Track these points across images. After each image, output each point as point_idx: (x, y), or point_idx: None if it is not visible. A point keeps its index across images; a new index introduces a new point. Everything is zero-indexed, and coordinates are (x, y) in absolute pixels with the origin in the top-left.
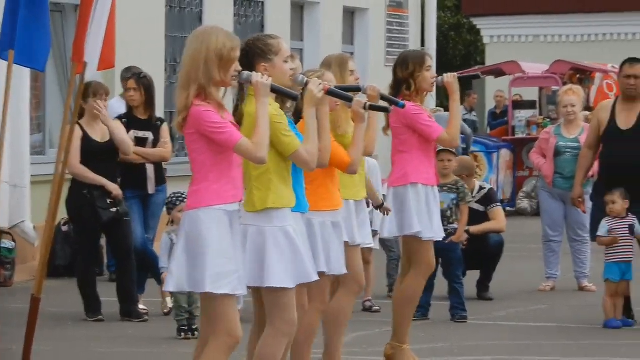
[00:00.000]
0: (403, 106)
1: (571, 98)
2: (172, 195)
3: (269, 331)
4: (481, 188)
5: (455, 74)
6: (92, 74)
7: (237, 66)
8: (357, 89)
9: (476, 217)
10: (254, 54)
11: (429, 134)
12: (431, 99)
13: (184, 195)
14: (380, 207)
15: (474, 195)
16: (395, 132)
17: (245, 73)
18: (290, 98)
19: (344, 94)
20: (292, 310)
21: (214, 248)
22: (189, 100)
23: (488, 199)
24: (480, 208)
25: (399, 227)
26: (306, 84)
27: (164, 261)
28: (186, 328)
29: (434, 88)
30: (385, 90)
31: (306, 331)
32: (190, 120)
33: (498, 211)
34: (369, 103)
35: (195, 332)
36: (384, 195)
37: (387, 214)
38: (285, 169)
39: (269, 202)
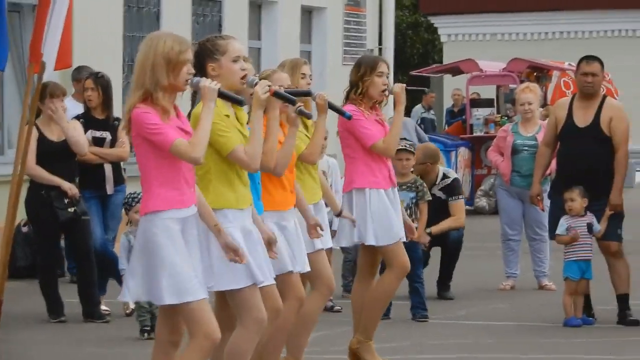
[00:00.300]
0: (350, 117)
1: (528, 96)
2: (128, 196)
3: (238, 331)
4: (445, 176)
5: (404, 85)
6: (49, 73)
7: (189, 69)
8: (307, 94)
9: (438, 205)
10: (204, 54)
11: (365, 140)
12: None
13: (140, 196)
14: (339, 214)
15: (437, 182)
16: (342, 137)
17: (196, 79)
18: (236, 103)
19: (288, 96)
20: (256, 308)
21: (167, 259)
22: (132, 104)
23: (451, 189)
24: (443, 196)
25: (355, 235)
26: (255, 85)
27: (124, 262)
28: (149, 328)
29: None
30: (342, 93)
31: (282, 330)
32: (132, 124)
33: (459, 206)
34: (299, 107)
35: None
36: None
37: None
38: (230, 170)
39: (214, 202)
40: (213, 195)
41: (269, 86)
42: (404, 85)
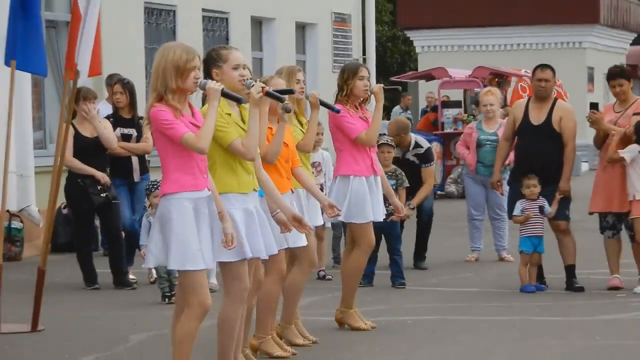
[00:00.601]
0: (338, 111)
1: (490, 98)
2: (149, 183)
3: (225, 300)
4: (418, 145)
5: (382, 85)
6: (82, 80)
7: (196, 74)
8: (290, 92)
9: (412, 168)
10: (210, 62)
11: (349, 133)
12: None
13: (159, 183)
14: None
15: (410, 149)
16: (332, 132)
17: (203, 81)
18: (236, 101)
19: (278, 95)
20: (240, 279)
21: (177, 232)
22: (149, 105)
23: (424, 157)
24: (417, 161)
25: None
26: (251, 87)
27: (143, 239)
28: (169, 294)
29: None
30: (332, 96)
31: (267, 300)
32: (151, 120)
33: (430, 171)
34: (286, 104)
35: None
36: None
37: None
38: (232, 160)
39: (220, 187)
40: (218, 181)
41: (262, 87)
42: (382, 85)
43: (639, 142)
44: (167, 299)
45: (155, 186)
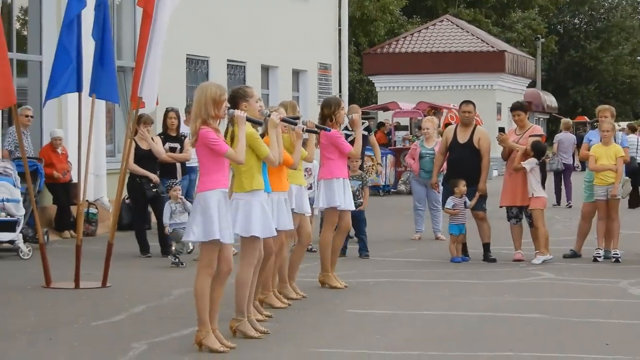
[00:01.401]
0: (329, 130)
1: (427, 124)
2: (169, 182)
3: (242, 264)
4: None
5: (359, 114)
6: (148, 110)
7: (226, 104)
8: (297, 119)
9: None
10: (238, 97)
11: (343, 149)
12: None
13: (176, 182)
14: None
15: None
16: (323, 147)
17: (231, 110)
18: (257, 124)
19: (292, 120)
20: (256, 249)
21: (213, 214)
22: (197, 127)
23: (368, 129)
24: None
25: (323, 203)
26: (269, 115)
27: (166, 219)
28: (177, 261)
29: (346, 121)
30: (316, 121)
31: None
32: (199, 138)
33: (373, 139)
34: (306, 128)
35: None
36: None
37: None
38: (259, 166)
39: (253, 185)
40: (256, 182)
41: (279, 115)
42: (359, 114)
43: (536, 156)
44: (179, 265)
45: (174, 183)
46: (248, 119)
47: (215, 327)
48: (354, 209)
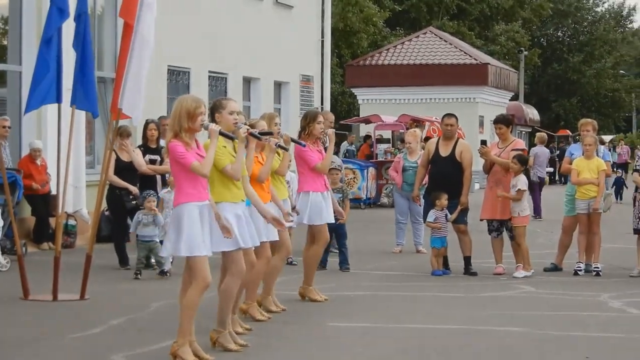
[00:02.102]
0: (304, 145)
1: (410, 138)
2: (144, 193)
3: (228, 277)
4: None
5: (334, 130)
6: (128, 121)
7: (203, 118)
8: (269, 133)
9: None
10: (214, 108)
11: (309, 162)
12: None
13: (150, 194)
14: (293, 209)
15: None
16: (296, 161)
17: (206, 123)
18: (229, 138)
19: (257, 135)
20: (239, 263)
21: (187, 228)
22: (168, 140)
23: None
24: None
25: (300, 218)
26: (239, 128)
27: (133, 228)
28: (139, 273)
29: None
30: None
31: (255, 278)
32: (169, 152)
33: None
34: (278, 142)
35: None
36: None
37: (297, 214)
38: (226, 178)
39: (222, 197)
40: (216, 193)
41: (247, 129)
42: (334, 130)
43: (522, 168)
44: (138, 276)
45: (150, 194)
46: (221, 133)
47: (193, 338)
48: (332, 221)
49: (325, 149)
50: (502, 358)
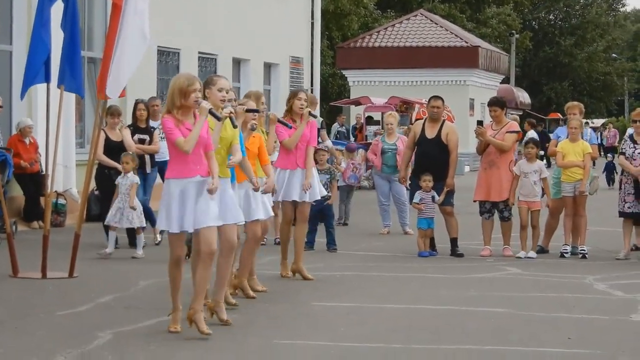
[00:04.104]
0: (290, 127)
1: (390, 119)
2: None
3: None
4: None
5: (309, 110)
6: (112, 100)
7: (197, 95)
8: (257, 111)
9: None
10: (205, 84)
11: (278, 138)
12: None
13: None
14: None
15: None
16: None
17: (200, 101)
18: (216, 118)
19: (217, 115)
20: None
21: (164, 204)
22: (162, 114)
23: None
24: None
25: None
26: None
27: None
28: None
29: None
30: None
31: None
32: (162, 128)
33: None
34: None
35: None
36: None
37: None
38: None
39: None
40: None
41: (230, 112)
42: (309, 110)
43: (538, 151)
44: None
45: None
46: (210, 112)
47: (200, 308)
48: (297, 199)
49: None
50: (493, 338)
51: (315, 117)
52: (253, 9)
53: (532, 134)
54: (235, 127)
